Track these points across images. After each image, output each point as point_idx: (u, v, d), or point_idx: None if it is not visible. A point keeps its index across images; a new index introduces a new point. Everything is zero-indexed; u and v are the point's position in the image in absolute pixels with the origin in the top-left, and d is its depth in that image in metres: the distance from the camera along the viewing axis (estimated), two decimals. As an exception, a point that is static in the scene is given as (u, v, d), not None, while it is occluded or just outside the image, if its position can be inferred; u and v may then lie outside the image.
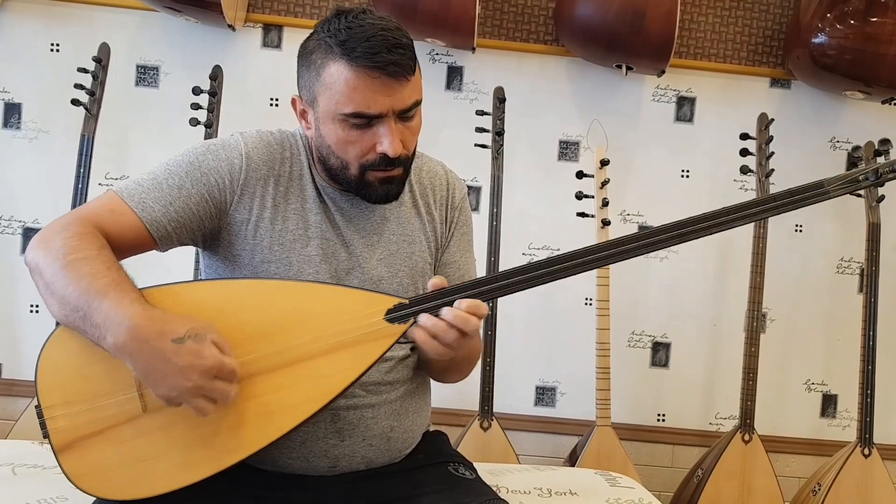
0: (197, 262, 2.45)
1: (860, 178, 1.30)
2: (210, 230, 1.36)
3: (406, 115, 1.32)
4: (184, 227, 1.32)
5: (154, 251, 1.35)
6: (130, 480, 1.20)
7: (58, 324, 1.24)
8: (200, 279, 1.41)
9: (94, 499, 1.24)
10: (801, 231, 2.90)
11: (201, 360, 1.13)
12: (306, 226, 1.37)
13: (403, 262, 1.43)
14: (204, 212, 1.33)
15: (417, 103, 1.33)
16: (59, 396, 1.22)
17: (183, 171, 1.33)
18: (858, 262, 2.89)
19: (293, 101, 1.39)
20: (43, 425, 1.22)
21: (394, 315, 1.25)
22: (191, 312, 1.21)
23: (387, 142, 1.30)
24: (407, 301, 1.26)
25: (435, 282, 1.26)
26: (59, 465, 1.21)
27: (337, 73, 1.28)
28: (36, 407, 1.23)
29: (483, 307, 1.23)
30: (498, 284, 1.26)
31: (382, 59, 1.26)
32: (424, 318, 1.23)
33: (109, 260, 1.23)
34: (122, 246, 1.28)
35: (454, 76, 2.82)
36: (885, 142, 1.43)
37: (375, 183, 1.34)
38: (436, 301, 1.25)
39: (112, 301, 1.16)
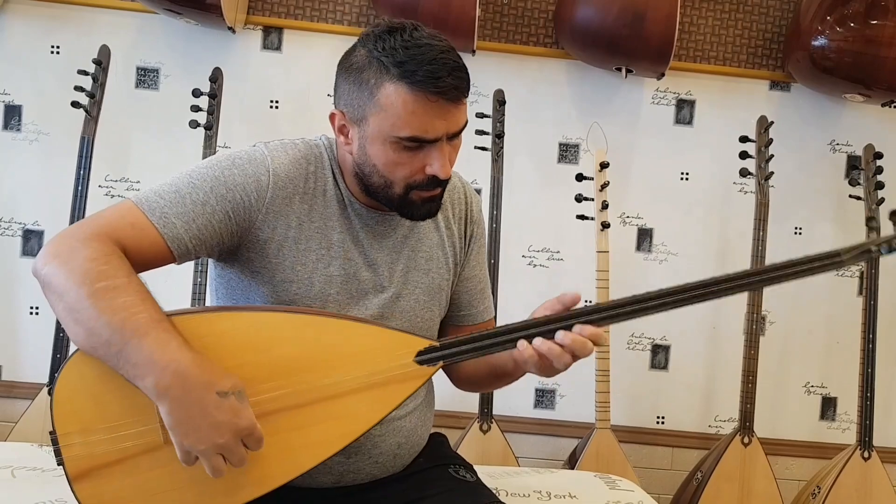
0: (196, 263, 2.44)
1: (872, 248, 1.34)
2: (229, 246, 1.32)
3: (455, 136, 1.30)
4: (203, 244, 1.28)
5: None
6: None
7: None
8: (225, 306, 1.38)
9: None
10: (800, 234, 2.90)
11: (239, 419, 1.12)
12: (329, 245, 1.34)
13: (420, 278, 1.41)
14: (225, 229, 1.29)
15: (466, 123, 1.32)
16: (76, 424, 1.19)
17: (207, 185, 1.27)
18: (858, 265, 2.89)
19: (331, 116, 1.34)
20: (58, 452, 1.19)
21: (424, 357, 1.24)
22: (220, 343, 1.19)
23: (438, 165, 1.27)
24: (437, 344, 1.25)
25: (574, 296, 1.25)
26: (74, 494, 1.19)
27: (394, 96, 1.23)
28: (50, 433, 1.20)
29: (603, 338, 1.24)
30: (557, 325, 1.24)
31: (445, 83, 1.23)
32: (539, 342, 1.22)
33: (141, 290, 1.18)
34: (139, 261, 1.23)
35: (454, 78, 2.82)
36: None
37: (419, 202, 1.32)
38: (468, 345, 1.25)
39: (154, 342, 1.12)
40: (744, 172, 2.63)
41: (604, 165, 2.56)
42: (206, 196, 1.27)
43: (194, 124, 2.49)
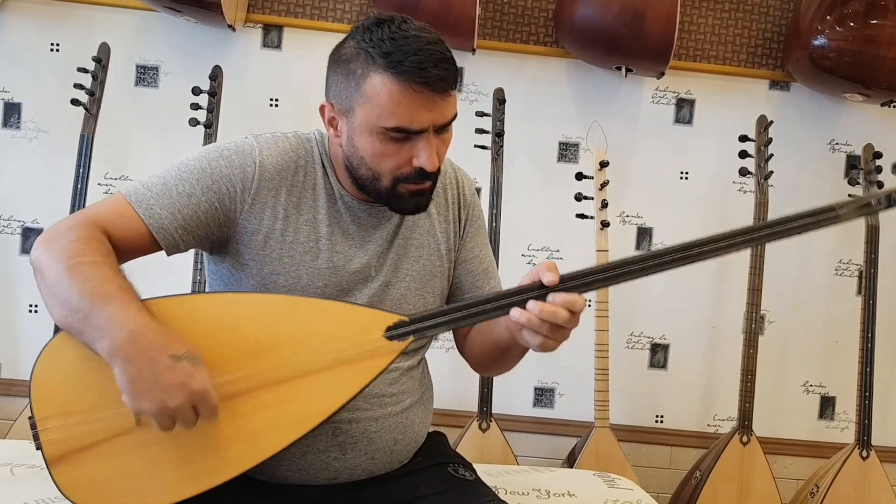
0: (196, 261, 2.45)
1: (872, 202, 1.27)
2: (218, 238, 1.33)
3: (444, 128, 1.30)
4: (191, 234, 1.30)
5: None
6: (122, 495, 1.20)
7: (56, 330, 1.24)
8: (196, 293, 1.40)
9: None
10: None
11: (191, 382, 1.12)
12: (317, 238, 1.35)
13: (411, 266, 1.41)
14: (212, 219, 1.30)
15: (455, 117, 1.31)
16: (53, 408, 1.21)
17: (194, 177, 1.30)
18: (857, 265, 2.89)
19: (321, 108, 1.35)
20: (36, 436, 1.21)
21: (393, 333, 1.23)
22: (190, 325, 1.20)
23: (425, 156, 1.27)
24: (407, 318, 1.24)
25: (550, 278, 1.20)
26: (52, 477, 1.21)
27: (380, 86, 1.24)
28: (29, 418, 1.22)
29: (578, 302, 1.18)
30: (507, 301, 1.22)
31: (430, 74, 1.23)
32: (516, 313, 1.19)
33: (115, 267, 1.22)
34: (127, 249, 1.26)
35: (454, 77, 2.82)
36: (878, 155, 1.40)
37: (407, 195, 1.31)
38: (438, 318, 1.24)
39: (118, 305, 1.15)
40: (743, 172, 2.63)
41: (603, 164, 2.57)
42: (192, 187, 1.29)
43: (194, 122, 2.49)
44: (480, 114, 2.60)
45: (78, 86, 2.47)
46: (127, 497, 1.20)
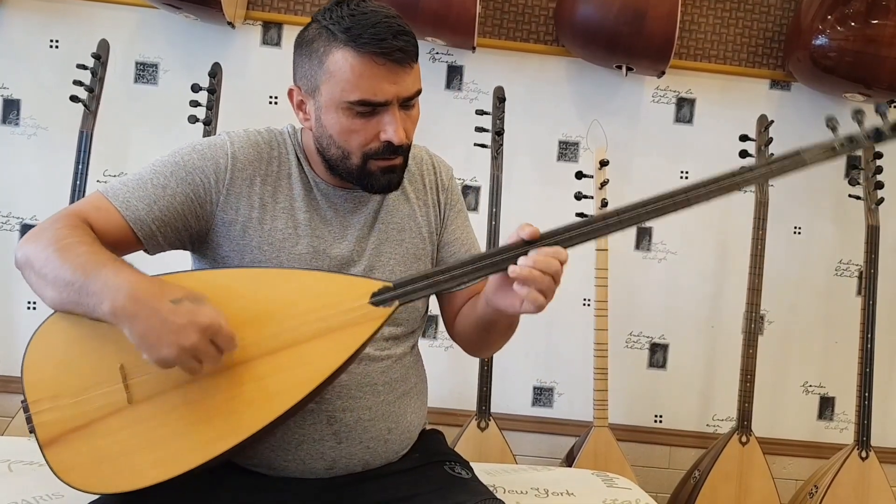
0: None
1: (836, 146, 1.32)
2: (197, 231, 1.35)
3: (408, 103, 1.33)
4: (168, 227, 1.31)
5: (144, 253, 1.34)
6: (116, 474, 1.20)
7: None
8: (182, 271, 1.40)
9: (94, 497, 1.22)
10: (799, 233, 2.90)
11: (198, 317, 1.13)
12: (295, 224, 1.37)
13: (394, 249, 1.43)
14: (189, 211, 1.33)
15: (419, 92, 1.34)
16: (45, 390, 1.23)
17: (168, 170, 1.33)
18: (857, 265, 2.89)
19: (290, 92, 1.39)
20: (29, 420, 1.22)
21: (378, 298, 1.25)
22: None
23: (391, 129, 1.30)
24: (391, 284, 1.26)
25: (531, 230, 1.25)
26: (45, 460, 1.21)
27: (342, 61, 1.28)
28: (22, 402, 1.23)
29: (562, 253, 1.28)
30: (498, 258, 1.26)
31: (389, 45, 1.26)
32: (516, 269, 1.23)
33: (103, 247, 1.24)
34: (108, 244, 1.27)
35: (454, 75, 2.82)
36: (859, 112, 1.44)
37: (377, 172, 1.34)
38: (421, 283, 1.26)
39: (111, 270, 1.17)
40: (743, 171, 2.62)
41: (603, 163, 2.56)
42: (167, 180, 1.32)
43: (193, 119, 2.49)
44: (480, 112, 2.59)
45: (77, 82, 2.46)
46: (122, 475, 1.19)
